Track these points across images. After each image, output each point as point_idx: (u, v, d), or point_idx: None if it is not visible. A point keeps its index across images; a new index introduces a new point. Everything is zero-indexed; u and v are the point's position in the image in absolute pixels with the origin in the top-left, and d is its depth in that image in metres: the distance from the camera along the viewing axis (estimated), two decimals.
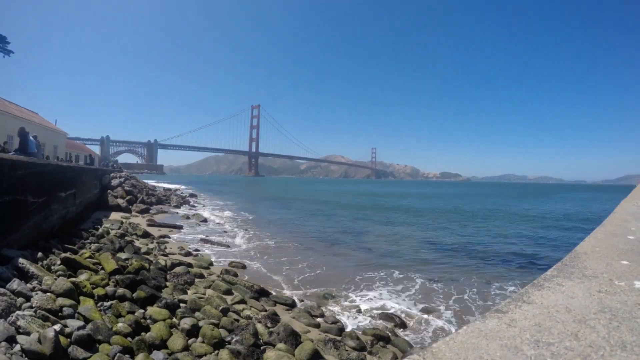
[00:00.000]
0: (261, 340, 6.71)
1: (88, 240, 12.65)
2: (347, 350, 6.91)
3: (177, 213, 29.11)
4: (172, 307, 7.36)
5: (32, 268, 7.17)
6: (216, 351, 6.05)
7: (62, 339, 4.96)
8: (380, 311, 9.49)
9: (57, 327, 5.12)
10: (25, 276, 6.94)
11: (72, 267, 8.22)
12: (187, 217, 26.45)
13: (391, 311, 9.47)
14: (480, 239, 22.58)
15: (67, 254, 8.89)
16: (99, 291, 7.23)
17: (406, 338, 7.91)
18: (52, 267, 8.00)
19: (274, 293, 10.06)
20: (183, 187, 72.23)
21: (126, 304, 7.02)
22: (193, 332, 6.48)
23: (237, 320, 7.44)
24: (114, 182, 34.19)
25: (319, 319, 8.62)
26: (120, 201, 26.76)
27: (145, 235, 16.47)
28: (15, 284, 6.24)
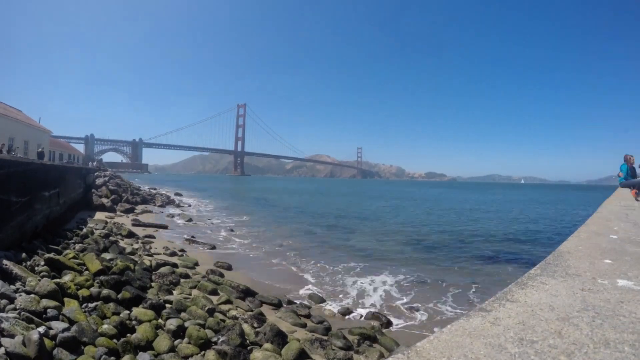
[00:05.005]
0: (247, 341, 6.71)
1: (72, 241, 12.49)
2: (333, 350, 6.93)
3: (162, 212, 28.84)
4: (157, 308, 7.31)
5: (15, 269, 7.08)
6: (202, 352, 6.03)
7: (46, 341, 4.90)
8: (366, 310, 9.53)
9: (41, 329, 5.06)
10: (9, 277, 6.84)
11: (56, 268, 8.13)
12: (172, 217, 26.21)
13: (377, 310, 9.52)
14: (465, 237, 22.74)
15: (51, 255, 8.78)
16: (83, 292, 7.16)
17: (392, 337, 7.97)
18: (36, 268, 7.90)
19: (259, 293, 10.04)
20: (167, 187, 71.52)
21: (111, 305, 6.96)
22: (179, 332, 6.46)
23: (223, 321, 7.42)
24: (98, 181, 33.76)
25: (305, 319, 8.63)
26: (104, 201, 26.45)
27: (130, 235, 16.30)
28: None
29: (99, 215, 21.74)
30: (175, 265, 11.46)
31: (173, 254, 13.62)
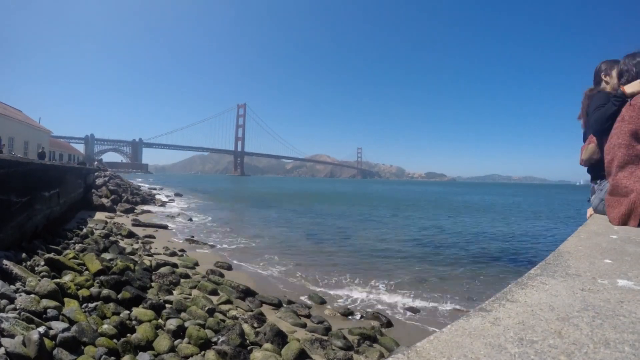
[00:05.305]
0: (247, 341, 6.72)
1: (72, 241, 12.49)
2: (333, 350, 6.93)
3: (162, 212, 28.84)
4: (157, 308, 7.31)
5: (15, 269, 7.08)
6: (202, 352, 6.04)
7: (46, 341, 4.90)
8: (366, 310, 9.54)
9: (41, 329, 5.06)
10: (9, 277, 6.84)
11: (56, 268, 8.13)
12: (172, 217, 26.21)
13: (378, 310, 9.52)
14: (465, 237, 22.77)
15: (51, 255, 8.79)
16: (83, 292, 7.17)
17: (392, 337, 7.97)
18: (36, 268, 7.91)
19: (259, 293, 10.04)
20: (168, 188, 71.58)
21: (111, 305, 6.97)
22: (179, 332, 6.46)
23: (223, 321, 7.42)
24: (98, 181, 33.79)
25: (305, 319, 8.65)
26: (104, 201, 26.46)
27: (130, 235, 16.30)
28: None
29: (99, 215, 21.75)
30: (175, 265, 11.46)
31: (173, 254, 13.63)
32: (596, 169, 3.81)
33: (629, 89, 3.06)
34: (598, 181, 3.75)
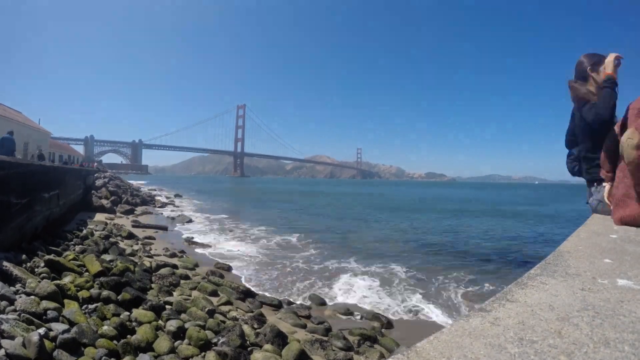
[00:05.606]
0: (248, 342, 6.71)
1: (72, 242, 12.47)
2: (334, 350, 6.93)
3: (162, 214, 28.82)
4: (157, 309, 7.30)
5: (15, 271, 7.07)
6: (203, 353, 6.03)
7: (46, 342, 4.89)
8: (367, 311, 9.53)
9: (41, 330, 5.05)
10: (9, 279, 6.83)
11: (56, 270, 8.11)
12: (172, 218, 26.19)
13: (378, 311, 9.51)
14: (466, 236, 22.76)
15: (51, 256, 8.77)
16: (83, 294, 7.15)
17: (392, 337, 7.96)
18: (36, 270, 7.89)
19: (259, 294, 10.03)
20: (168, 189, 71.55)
21: (111, 306, 6.95)
22: (179, 334, 6.45)
23: (224, 322, 7.41)
24: (98, 182, 33.76)
25: (305, 320, 8.63)
26: (104, 202, 26.43)
27: (130, 236, 16.28)
28: None
29: (99, 217, 21.71)
30: (175, 267, 11.45)
31: (173, 255, 13.61)
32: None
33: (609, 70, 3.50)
34: (595, 184, 3.89)
